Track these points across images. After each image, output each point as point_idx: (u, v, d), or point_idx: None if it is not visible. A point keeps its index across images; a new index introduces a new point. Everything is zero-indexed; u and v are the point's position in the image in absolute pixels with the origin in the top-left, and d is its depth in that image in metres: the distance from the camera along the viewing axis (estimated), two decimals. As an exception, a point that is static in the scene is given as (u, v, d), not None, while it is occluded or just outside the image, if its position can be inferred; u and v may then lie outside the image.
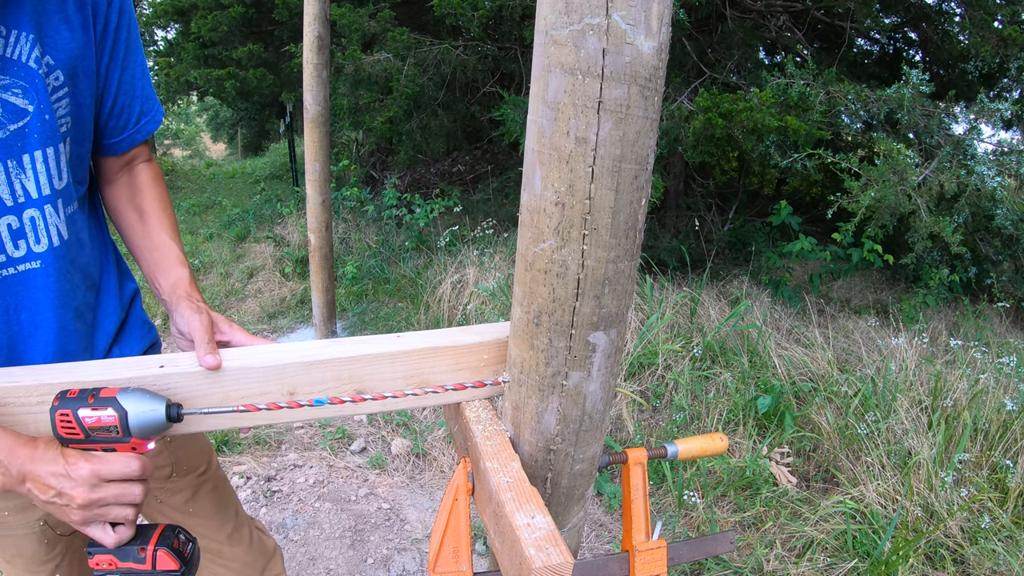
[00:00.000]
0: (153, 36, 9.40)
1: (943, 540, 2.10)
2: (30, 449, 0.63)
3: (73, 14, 0.75)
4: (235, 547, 1.17)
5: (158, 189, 0.97)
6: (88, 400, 0.63)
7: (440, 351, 0.75)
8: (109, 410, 0.63)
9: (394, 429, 2.89)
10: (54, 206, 0.78)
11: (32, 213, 0.76)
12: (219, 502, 1.14)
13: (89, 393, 0.64)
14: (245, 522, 1.21)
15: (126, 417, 0.63)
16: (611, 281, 0.61)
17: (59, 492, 0.63)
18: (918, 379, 2.94)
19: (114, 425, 0.63)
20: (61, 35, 0.74)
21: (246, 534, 1.20)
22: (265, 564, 1.24)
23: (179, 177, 10.72)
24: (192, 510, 1.09)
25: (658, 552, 0.83)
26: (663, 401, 2.96)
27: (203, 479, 1.10)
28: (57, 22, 0.74)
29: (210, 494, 1.11)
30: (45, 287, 0.79)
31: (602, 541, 2.28)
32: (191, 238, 6.25)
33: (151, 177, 0.96)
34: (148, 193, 0.95)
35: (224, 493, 1.16)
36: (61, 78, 0.75)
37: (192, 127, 22.57)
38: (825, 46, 5.23)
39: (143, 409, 0.64)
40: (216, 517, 1.13)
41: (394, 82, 4.77)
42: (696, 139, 3.40)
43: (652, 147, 0.58)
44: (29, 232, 0.76)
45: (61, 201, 0.79)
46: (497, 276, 4.00)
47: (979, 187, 3.34)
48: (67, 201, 0.81)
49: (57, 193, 0.78)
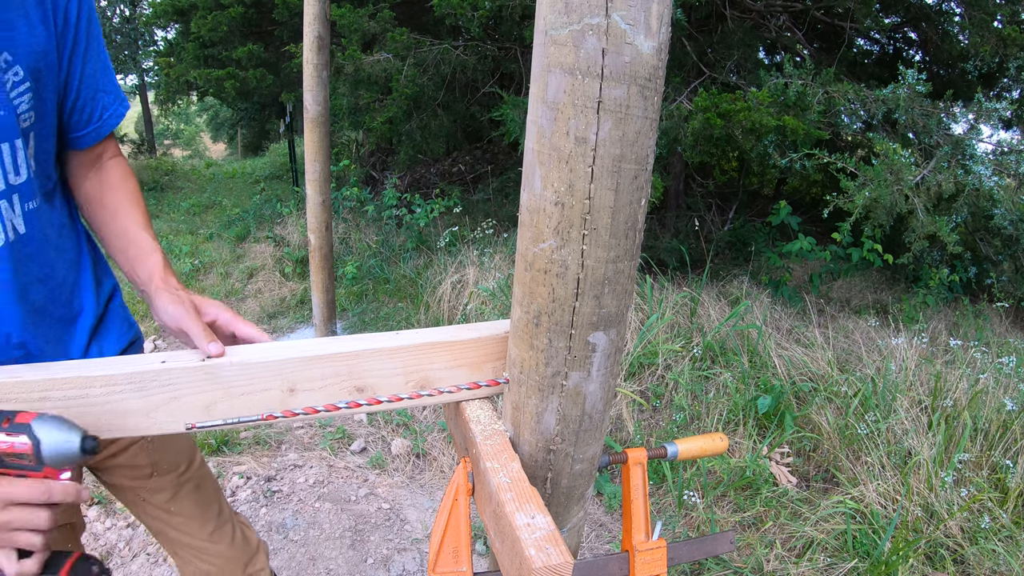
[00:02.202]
0: (153, 36, 9.40)
1: (943, 540, 2.10)
2: None
3: (32, 9, 0.75)
4: (217, 544, 1.17)
5: (128, 185, 0.96)
6: (3, 424, 0.61)
7: (438, 346, 0.76)
8: (23, 437, 0.61)
9: (394, 429, 2.89)
10: (9, 201, 0.78)
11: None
12: (201, 501, 1.14)
13: (4, 417, 0.62)
14: (228, 519, 1.21)
15: (39, 446, 0.62)
16: (611, 281, 0.62)
17: None
18: (918, 379, 2.94)
19: (27, 453, 0.62)
20: (19, 30, 0.73)
21: (229, 531, 1.20)
22: (248, 560, 1.24)
23: (179, 177, 10.71)
24: (174, 509, 1.10)
25: (658, 552, 0.83)
26: (663, 401, 2.96)
27: (184, 478, 1.10)
28: (14, 17, 0.73)
29: (192, 493, 1.12)
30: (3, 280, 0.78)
31: (602, 541, 2.28)
32: (191, 238, 6.25)
33: (120, 175, 0.96)
34: (119, 190, 0.94)
35: (206, 491, 1.16)
36: (21, 73, 0.74)
37: (192, 127, 22.56)
38: (825, 46, 5.23)
39: (57, 439, 0.62)
40: (198, 516, 1.14)
41: (394, 82, 4.77)
42: (695, 139, 3.40)
43: (652, 147, 0.58)
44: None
45: (18, 196, 0.79)
46: (497, 276, 4.00)
47: (977, 187, 3.34)
48: (26, 197, 0.80)
49: (12, 188, 0.77)
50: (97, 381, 0.68)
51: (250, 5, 6.19)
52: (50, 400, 0.67)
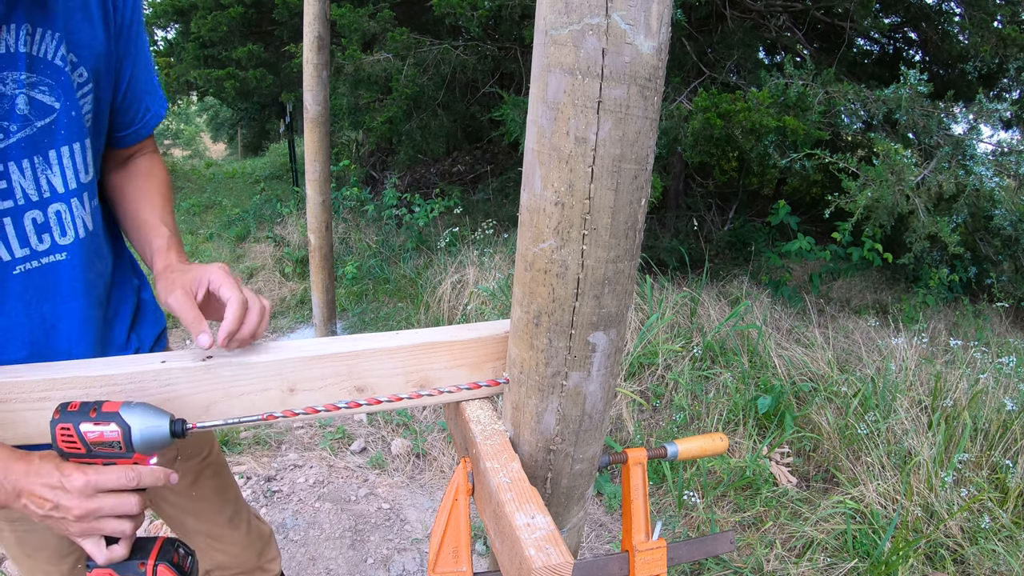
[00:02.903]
0: (153, 36, 9.40)
1: (943, 540, 2.10)
2: (25, 464, 0.63)
3: (95, 11, 0.76)
4: (235, 531, 1.19)
5: (154, 174, 0.95)
6: (90, 414, 0.62)
7: (438, 346, 0.76)
8: (112, 425, 0.62)
9: (394, 429, 2.89)
10: (80, 199, 0.80)
11: (58, 207, 0.77)
12: (220, 486, 1.16)
13: (91, 407, 0.62)
14: (243, 507, 1.23)
15: (129, 432, 0.62)
16: (611, 281, 0.62)
17: (55, 505, 0.62)
18: (918, 379, 2.94)
19: (117, 440, 0.62)
20: (84, 32, 0.75)
21: (245, 517, 1.23)
22: (262, 548, 1.27)
23: (179, 177, 10.72)
24: (195, 494, 1.11)
25: (658, 552, 0.83)
26: (663, 401, 2.96)
27: (205, 463, 1.12)
28: (80, 19, 0.74)
29: (212, 479, 1.14)
30: (71, 278, 0.80)
31: (602, 541, 2.28)
32: (191, 238, 6.25)
33: (149, 166, 0.96)
34: (140, 178, 0.94)
35: (224, 478, 1.18)
36: (85, 75, 0.76)
37: (192, 127, 22.54)
38: (825, 46, 5.23)
39: (147, 425, 0.63)
40: (216, 501, 1.15)
41: (394, 82, 4.76)
42: (695, 139, 3.40)
43: (652, 147, 0.58)
44: (54, 226, 0.77)
45: (87, 194, 0.81)
46: (497, 276, 4.00)
47: (977, 187, 3.35)
48: (92, 194, 0.83)
49: (83, 187, 0.80)
50: (97, 381, 0.68)
51: (250, 5, 6.19)
52: (51, 400, 0.67)
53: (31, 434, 0.68)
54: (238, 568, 1.23)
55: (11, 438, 0.67)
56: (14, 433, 0.67)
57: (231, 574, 1.23)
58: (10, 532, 0.92)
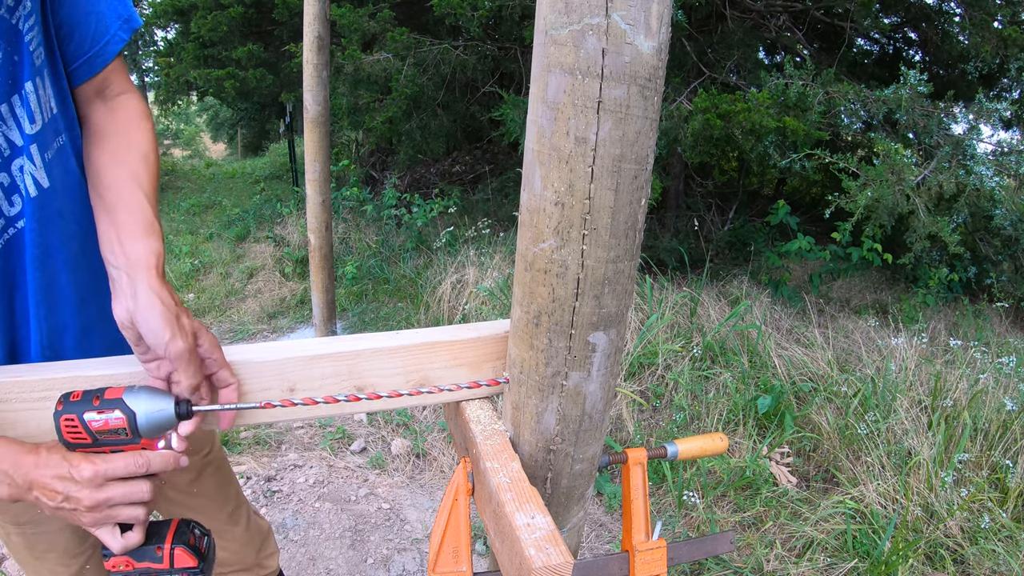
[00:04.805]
0: (153, 36, 9.39)
1: (943, 540, 2.10)
2: (34, 456, 0.62)
3: None
4: (235, 527, 1.19)
5: (140, 126, 0.79)
6: (93, 403, 0.61)
7: (438, 346, 0.76)
8: (116, 412, 0.61)
9: (394, 429, 2.89)
10: (28, 154, 0.70)
11: (21, 162, 0.69)
12: (221, 482, 1.16)
13: (94, 395, 0.61)
14: (243, 503, 1.23)
15: (134, 418, 0.61)
16: (611, 281, 0.62)
17: (66, 496, 0.61)
18: (918, 379, 2.94)
19: (122, 427, 0.61)
20: None
21: (244, 513, 1.23)
22: (261, 544, 1.27)
23: (179, 177, 10.72)
24: (196, 490, 1.11)
25: (658, 552, 0.83)
26: (663, 401, 2.96)
27: (207, 459, 1.11)
28: None
29: (213, 475, 1.13)
30: (30, 243, 0.73)
31: (602, 541, 2.28)
32: (191, 238, 6.24)
33: (131, 114, 0.80)
34: (123, 135, 0.78)
35: (225, 473, 1.18)
36: (28, 5, 0.66)
37: (192, 127, 22.52)
38: (825, 46, 5.23)
39: (151, 408, 0.62)
40: (217, 497, 1.15)
41: (394, 82, 4.76)
42: (695, 139, 3.40)
43: (652, 147, 0.58)
44: (20, 184, 0.69)
45: (36, 146, 0.70)
46: (496, 276, 4.00)
47: (978, 187, 3.35)
48: (45, 145, 0.72)
49: (31, 138, 0.69)
50: (98, 381, 0.68)
51: (250, 5, 6.19)
52: (50, 400, 0.67)
53: (31, 434, 0.68)
54: (237, 564, 1.23)
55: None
56: (14, 433, 0.67)
57: (230, 570, 1.23)
58: (19, 536, 0.91)
